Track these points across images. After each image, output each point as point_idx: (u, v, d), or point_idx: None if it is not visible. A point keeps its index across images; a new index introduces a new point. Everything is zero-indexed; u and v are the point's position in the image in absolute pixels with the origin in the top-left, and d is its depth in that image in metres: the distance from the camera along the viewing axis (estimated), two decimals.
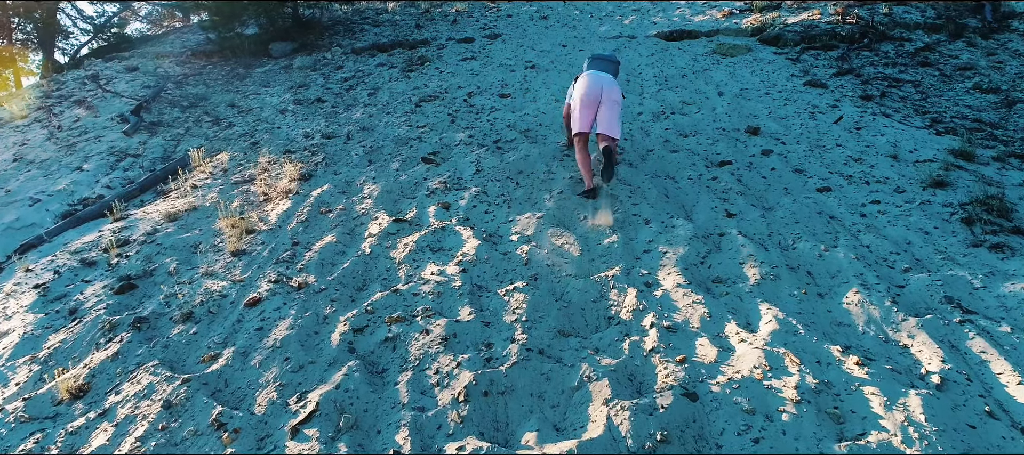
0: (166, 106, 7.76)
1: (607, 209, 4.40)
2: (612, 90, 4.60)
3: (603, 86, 4.59)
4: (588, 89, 4.60)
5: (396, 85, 7.72)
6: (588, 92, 4.59)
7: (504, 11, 11.34)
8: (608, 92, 4.58)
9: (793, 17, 8.97)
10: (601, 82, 4.61)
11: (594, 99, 4.58)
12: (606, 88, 4.58)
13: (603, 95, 4.57)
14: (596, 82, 4.61)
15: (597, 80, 4.62)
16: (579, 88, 4.67)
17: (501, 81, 7.46)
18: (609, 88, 4.59)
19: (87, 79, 8.80)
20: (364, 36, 10.35)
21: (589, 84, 4.62)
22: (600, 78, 4.65)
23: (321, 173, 5.35)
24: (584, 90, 4.61)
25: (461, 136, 5.85)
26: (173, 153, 6.63)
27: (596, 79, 4.63)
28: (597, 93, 4.57)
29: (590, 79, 4.65)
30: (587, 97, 4.59)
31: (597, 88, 4.58)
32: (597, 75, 4.67)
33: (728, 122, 6.01)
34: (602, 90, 4.57)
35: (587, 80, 4.65)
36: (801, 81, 7.08)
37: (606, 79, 4.65)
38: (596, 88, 4.58)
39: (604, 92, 4.57)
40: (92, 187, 5.90)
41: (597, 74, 4.68)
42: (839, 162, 5.07)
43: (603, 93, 4.57)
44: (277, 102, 7.70)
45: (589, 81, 4.64)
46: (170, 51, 10.85)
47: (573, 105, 4.71)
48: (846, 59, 7.79)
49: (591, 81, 4.63)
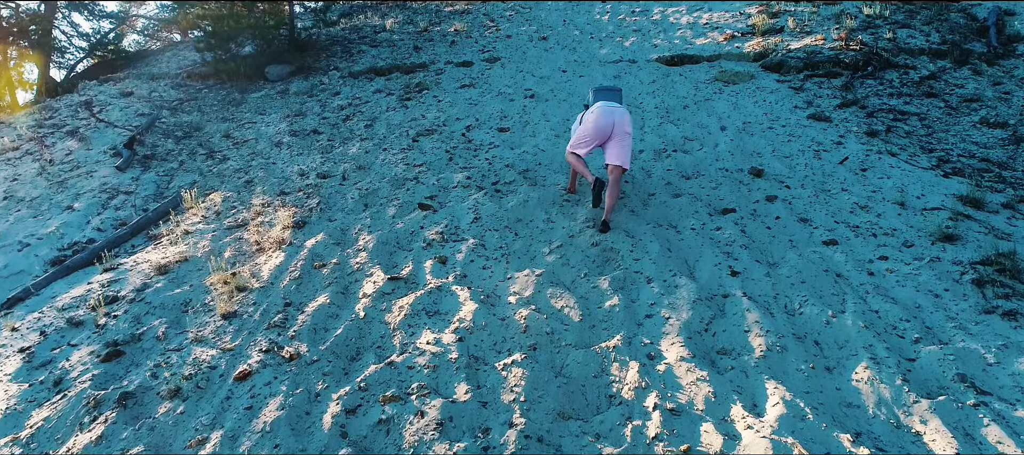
0: (160, 137, 7.65)
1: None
2: (624, 122, 4.66)
3: (615, 119, 4.64)
4: (601, 121, 4.64)
5: (393, 116, 7.61)
6: (601, 125, 4.63)
7: (503, 31, 11.23)
8: (620, 125, 4.64)
9: (796, 42, 8.86)
10: (614, 115, 4.66)
11: (606, 132, 4.65)
12: (618, 121, 4.64)
13: (615, 128, 4.64)
14: (609, 114, 4.65)
15: (610, 113, 4.66)
16: (590, 119, 4.68)
17: (500, 112, 7.35)
18: (621, 120, 4.65)
19: (80, 106, 8.69)
20: (362, 58, 10.24)
21: (602, 116, 4.65)
22: (613, 110, 4.68)
23: (315, 219, 5.23)
24: (597, 121, 4.64)
25: (459, 177, 5.74)
26: (166, 189, 6.52)
27: (609, 112, 4.66)
28: (609, 126, 4.63)
29: (603, 111, 4.67)
30: (600, 130, 4.64)
31: (609, 121, 4.63)
32: (610, 108, 4.69)
33: (731, 161, 5.90)
34: (614, 123, 4.63)
35: (600, 112, 4.67)
36: (805, 113, 6.97)
37: (618, 111, 4.70)
38: (609, 120, 4.63)
39: (616, 125, 4.63)
40: (82, 229, 5.79)
41: (610, 106, 4.70)
42: (845, 210, 4.95)
43: (615, 127, 4.63)
44: (273, 132, 7.59)
45: (602, 113, 4.66)
46: (166, 71, 10.74)
47: (583, 134, 4.72)
48: (850, 88, 7.67)
49: (604, 113, 4.66)
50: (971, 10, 10.88)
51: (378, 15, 14.77)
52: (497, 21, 12.02)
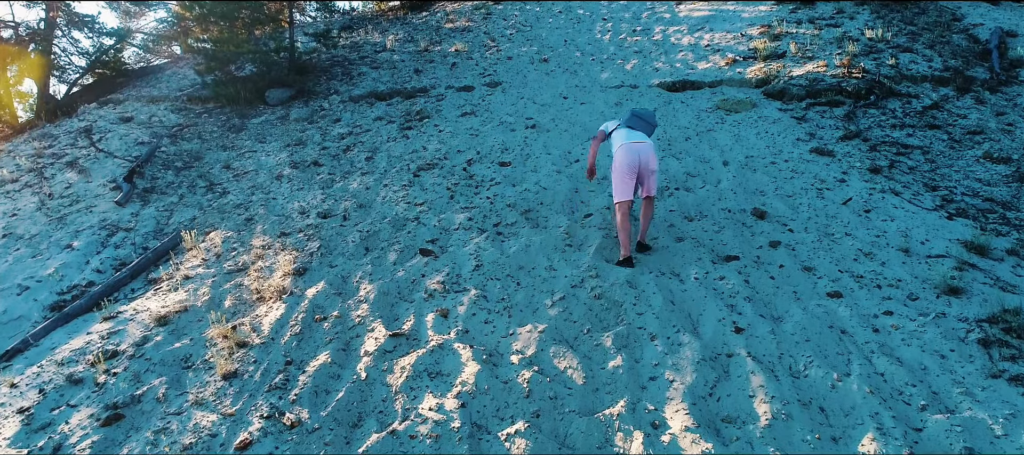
0: (160, 168, 7.62)
1: None
2: (650, 159, 4.90)
3: (641, 157, 4.88)
4: (628, 160, 4.86)
5: (394, 146, 7.58)
6: (629, 163, 4.86)
7: (504, 52, 11.21)
8: (646, 162, 4.89)
9: (798, 68, 8.84)
10: (639, 152, 4.89)
11: (634, 169, 4.87)
12: (643, 158, 4.88)
13: (641, 166, 4.89)
14: (635, 153, 4.88)
15: (636, 151, 4.89)
16: (620, 157, 4.92)
17: (501, 144, 7.32)
18: (646, 158, 4.89)
19: (80, 134, 8.66)
20: (362, 81, 10.21)
21: (629, 155, 4.87)
22: (639, 149, 4.90)
23: (316, 265, 5.20)
24: (625, 161, 4.87)
25: (460, 218, 5.71)
26: (166, 225, 6.49)
27: (635, 150, 4.89)
28: (636, 164, 4.87)
29: (630, 151, 4.89)
30: (629, 168, 4.86)
31: (635, 159, 4.87)
32: (636, 147, 4.91)
33: (734, 200, 5.87)
34: (640, 160, 4.88)
35: (627, 152, 4.89)
36: (807, 147, 6.94)
37: (644, 149, 4.91)
38: (634, 159, 4.86)
39: (641, 163, 4.88)
40: (82, 270, 5.76)
41: (636, 145, 4.92)
42: (849, 257, 4.92)
43: (641, 165, 4.88)
44: (273, 164, 7.56)
45: (629, 153, 4.88)
46: (165, 94, 10.71)
47: (618, 177, 4.92)
48: (852, 118, 7.65)
49: (631, 153, 4.88)
50: (973, 31, 10.87)
51: (378, 31, 14.76)
52: (498, 41, 12.00)
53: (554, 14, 13.79)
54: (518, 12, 14.21)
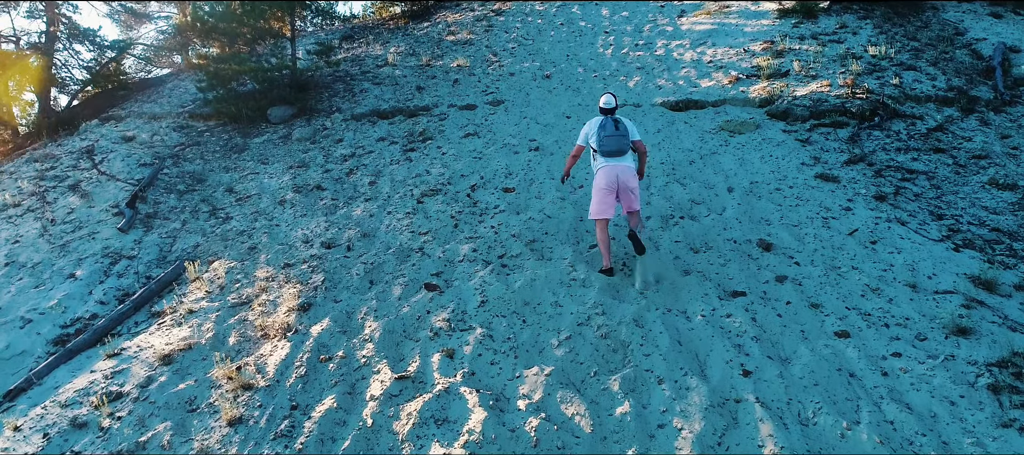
0: (162, 192, 7.59)
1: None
2: (628, 179, 5.08)
3: (619, 176, 5.07)
4: (607, 181, 5.08)
5: (397, 170, 7.55)
6: (607, 183, 5.07)
7: (507, 67, 11.18)
8: (624, 182, 5.07)
9: (802, 87, 8.81)
10: (616, 172, 5.08)
11: (612, 189, 5.08)
12: (622, 179, 5.07)
13: (619, 186, 5.08)
14: (612, 173, 5.08)
15: (613, 171, 5.08)
16: (599, 181, 5.13)
17: (505, 168, 7.30)
18: (624, 178, 5.07)
19: (82, 155, 8.64)
20: (364, 98, 10.19)
21: (608, 177, 5.08)
22: (616, 169, 5.08)
23: (321, 300, 5.18)
24: (604, 181, 5.08)
25: (465, 249, 5.69)
26: (169, 252, 6.47)
27: (612, 170, 5.08)
28: (614, 184, 5.07)
29: (609, 173, 5.09)
30: (607, 188, 5.08)
31: (614, 179, 5.07)
32: (611, 168, 5.09)
33: (739, 230, 5.85)
34: (618, 180, 5.07)
35: (606, 174, 5.09)
36: (812, 172, 6.92)
37: (622, 169, 5.09)
38: (613, 179, 5.07)
39: (620, 183, 5.07)
40: (85, 301, 5.74)
41: (611, 166, 5.09)
42: (856, 293, 4.90)
43: (619, 184, 5.07)
44: (276, 187, 7.54)
45: (608, 175, 5.09)
46: (167, 110, 10.69)
47: (596, 196, 5.13)
48: (857, 141, 7.62)
49: (610, 175, 5.08)
50: (976, 46, 10.85)
51: (380, 43, 14.74)
52: (500, 56, 11.97)
53: (556, 27, 13.78)
54: (520, 24, 14.20)
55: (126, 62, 15.60)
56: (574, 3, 15.49)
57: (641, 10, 14.30)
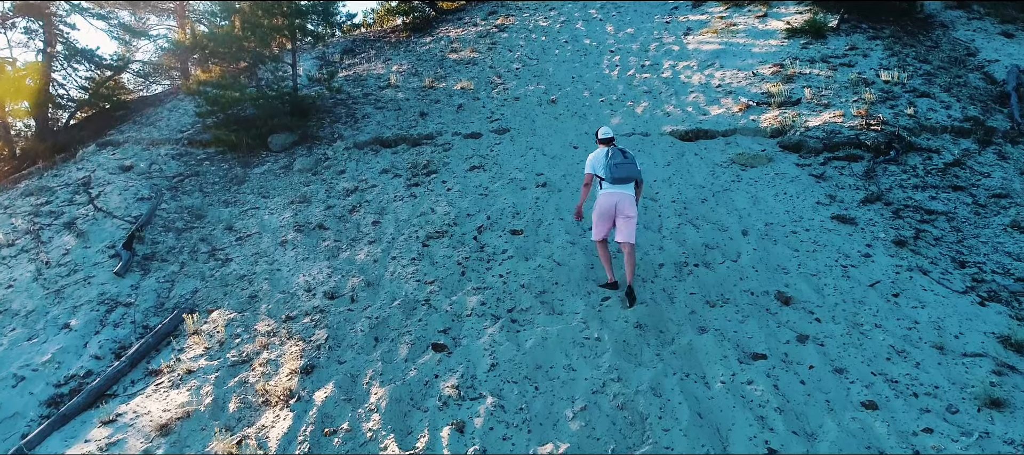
0: (160, 231, 7.40)
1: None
2: (626, 207, 5.34)
3: (617, 204, 5.35)
4: (605, 207, 5.40)
5: (401, 208, 7.36)
6: (605, 210, 5.40)
7: (511, 91, 10.99)
8: (622, 209, 5.34)
9: (814, 117, 8.62)
10: (615, 200, 5.37)
11: (610, 215, 5.40)
12: (619, 207, 5.34)
13: (617, 213, 5.36)
14: (611, 201, 5.38)
15: (613, 198, 5.38)
16: (598, 205, 5.46)
17: (512, 207, 7.10)
18: (622, 206, 5.34)
19: (78, 187, 8.45)
20: (366, 124, 10.00)
21: (604, 201, 5.41)
22: (616, 196, 5.37)
23: (324, 361, 4.99)
24: (603, 207, 5.41)
25: (473, 302, 5.50)
26: (167, 298, 6.28)
27: (612, 197, 5.38)
28: (612, 212, 5.39)
29: (605, 198, 5.41)
30: (606, 214, 5.41)
31: (612, 207, 5.38)
32: (611, 194, 5.39)
33: (756, 280, 5.66)
34: (615, 208, 5.36)
35: (605, 199, 5.40)
36: (828, 212, 6.73)
37: (620, 197, 5.37)
38: (611, 207, 5.38)
39: (618, 210, 5.35)
40: (80, 355, 5.55)
41: (611, 193, 5.39)
42: (881, 355, 4.71)
43: (617, 212, 5.36)
44: (277, 225, 7.35)
45: (606, 201, 5.39)
46: (165, 135, 10.50)
47: (595, 218, 5.50)
48: (872, 176, 7.43)
49: (609, 201, 5.38)
50: (988, 69, 10.67)
51: (381, 60, 14.57)
52: (504, 78, 11.79)
53: (561, 45, 13.60)
54: (524, 42, 14.02)
55: (125, 76, 15.44)
56: (579, 19, 15.31)
57: (647, 28, 14.12)
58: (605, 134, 5.69)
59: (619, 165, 5.37)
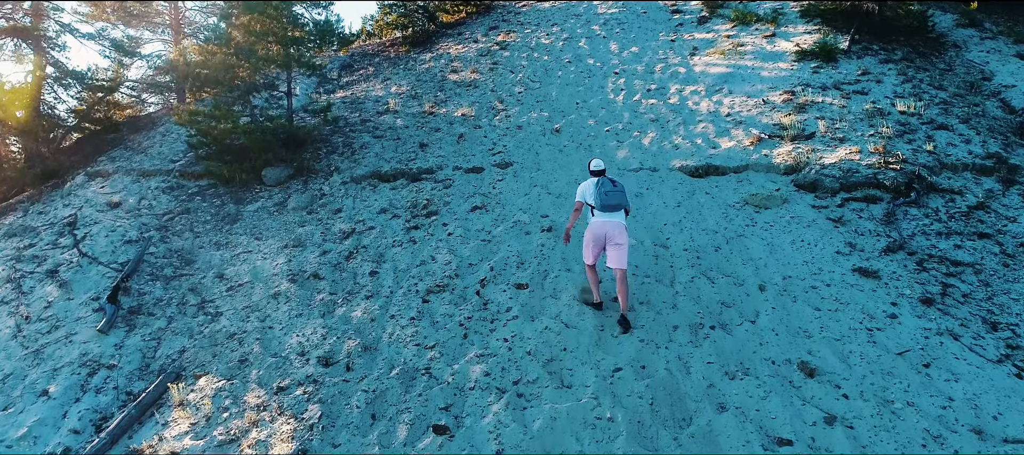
0: (147, 279, 7.07)
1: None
2: (615, 235, 5.56)
3: (608, 232, 5.59)
4: (596, 235, 5.66)
5: (400, 255, 7.03)
6: (596, 237, 5.66)
7: (513, 118, 10.66)
8: (612, 237, 5.57)
9: (829, 153, 8.29)
10: (605, 229, 5.61)
11: (600, 242, 5.66)
12: (610, 234, 5.58)
13: (607, 241, 5.59)
14: (602, 229, 5.62)
15: (603, 228, 5.62)
16: (590, 229, 5.72)
17: (517, 256, 6.77)
18: (612, 234, 5.57)
19: (64, 228, 8.11)
20: (364, 155, 9.67)
21: (596, 228, 5.65)
22: (605, 224, 5.62)
23: (317, 444, 4.65)
24: (593, 232, 5.67)
25: (476, 372, 5.17)
26: (152, 359, 5.95)
27: (602, 226, 5.62)
28: (602, 240, 5.63)
29: (597, 225, 5.66)
30: (596, 241, 5.68)
31: (602, 236, 5.62)
32: (602, 223, 5.63)
33: (777, 346, 5.33)
34: (606, 236, 5.60)
35: (595, 225, 5.66)
36: (849, 263, 6.40)
37: (611, 225, 5.60)
38: (602, 236, 5.62)
39: (609, 238, 5.58)
40: (58, 428, 5.22)
41: (603, 221, 5.63)
42: (916, 441, 4.38)
43: (607, 240, 5.59)
44: (270, 272, 7.01)
45: (596, 227, 5.65)
46: (157, 166, 10.16)
47: (586, 242, 5.76)
48: (893, 220, 7.11)
49: (599, 229, 5.63)
50: (1005, 94, 10.36)
51: (380, 79, 14.24)
52: (506, 103, 11.45)
53: (564, 65, 13.27)
54: (526, 61, 13.68)
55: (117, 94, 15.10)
56: (582, 37, 14.98)
57: (651, 46, 13.78)
58: (597, 166, 5.91)
59: (609, 193, 5.63)
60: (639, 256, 6.68)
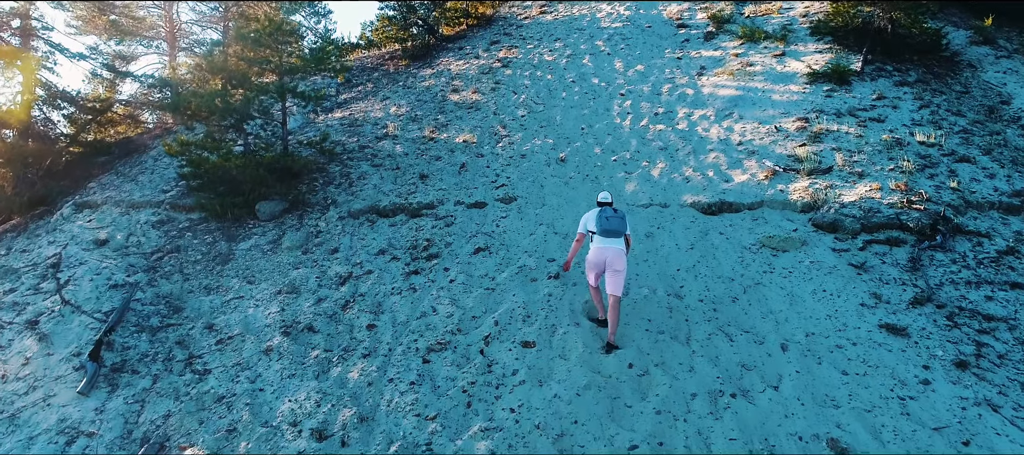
0: (132, 331, 6.70)
1: None
2: (615, 261, 5.76)
3: (608, 258, 5.80)
4: (597, 260, 5.89)
5: (399, 304, 6.66)
6: (597, 262, 5.90)
7: (517, 145, 10.29)
8: (612, 263, 5.77)
9: (848, 190, 7.93)
10: (605, 255, 5.82)
11: (600, 267, 5.89)
12: (609, 260, 5.79)
13: (607, 267, 5.80)
14: (602, 255, 5.84)
15: (602, 254, 5.84)
16: (590, 255, 5.96)
17: (523, 307, 6.41)
18: (612, 260, 5.77)
19: (47, 269, 7.74)
20: (362, 187, 9.30)
21: (596, 256, 5.89)
22: (607, 250, 5.82)
23: None
24: (593, 258, 5.92)
25: (481, 450, 4.80)
26: (135, 425, 5.59)
27: (601, 253, 5.85)
28: (602, 265, 5.86)
29: (597, 250, 5.88)
30: (596, 266, 5.93)
31: (601, 259, 5.85)
32: (603, 248, 5.84)
33: (804, 420, 4.96)
34: (605, 262, 5.82)
35: (596, 253, 5.88)
36: (875, 318, 6.04)
37: (610, 253, 5.80)
38: (601, 262, 5.85)
39: (608, 264, 5.79)
40: None
41: (603, 247, 5.85)
42: None
43: (607, 266, 5.80)
44: (262, 323, 6.65)
45: (597, 255, 5.88)
46: (148, 196, 9.80)
47: (588, 264, 5.99)
48: (919, 267, 6.75)
49: (599, 254, 5.86)
50: None
51: (380, 98, 13.88)
52: (509, 127, 11.09)
53: (568, 85, 12.91)
54: (529, 81, 13.32)
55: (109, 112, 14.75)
56: (585, 53, 14.61)
57: (657, 64, 13.42)
58: (603, 198, 6.18)
59: (610, 219, 5.88)
60: (652, 308, 6.32)
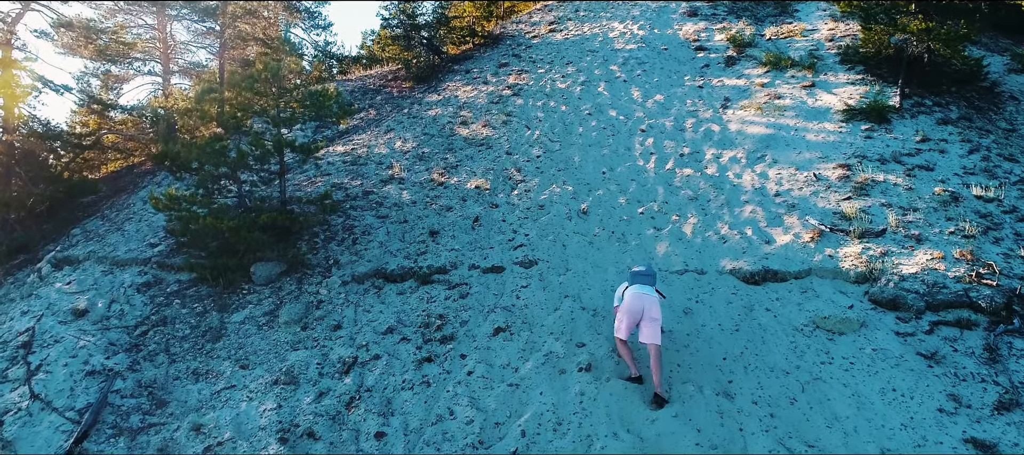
0: (109, 434, 5.93)
1: None
2: (651, 309, 5.72)
3: (645, 306, 5.74)
4: (632, 306, 5.79)
5: (412, 405, 5.89)
6: (632, 309, 5.78)
7: (534, 195, 9.52)
8: (648, 311, 5.72)
9: (906, 258, 7.15)
10: (643, 302, 5.77)
11: (636, 315, 5.76)
12: (647, 308, 5.73)
13: (644, 315, 5.72)
14: (639, 301, 5.78)
15: (640, 300, 5.78)
16: (625, 302, 5.87)
17: (553, 411, 5.64)
18: (650, 307, 5.73)
19: (17, 353, 6.97)
20: (367, 244, 8.53)
21: (633, 300, 5.80)
22: (643, 297, 5.79)
23: None
24: (629, 305, 5.81)
25: None
26: None
27: (639, 299, 5.79)
28: (639, 311, 5.75)
29: (633, 297, 5.82)
30: (631, 313, 5.79)
31: (639, 306, 5.76)
32: (640, 295, 5.81)
33: None
34: (643, 310, 5.73)
35: (632, 297, 5.83)
36: (958, 428, 5.28)
37: (648, 300, 5.77)
38: (639, 306, 5.76)
39: (645, 311, 5.72)
40: None
41: (640, 294, 5.82)
42: None
43: (644, 313, 5.72)
44: (256, 423, 5.89)
45: (633, 299, 5.82)
46: (134, 252, 9.03)
47: (621, 316, 5.88)
48: (996, 356, 5.99)
49: (635, 300, 5.79)
50: None
51: (384, 130, 13.12)
52: (524, 170, 10.32)
53: (584, 118, 12.14)
54: (542, 114, 12.55)
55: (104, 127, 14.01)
56: (600, 80, 13.84)
57: (678, 94, 12.65)
58: (637, 270, 6.14)
59: (639, 273, 6.04)
60: (700, 411, 5.55)
